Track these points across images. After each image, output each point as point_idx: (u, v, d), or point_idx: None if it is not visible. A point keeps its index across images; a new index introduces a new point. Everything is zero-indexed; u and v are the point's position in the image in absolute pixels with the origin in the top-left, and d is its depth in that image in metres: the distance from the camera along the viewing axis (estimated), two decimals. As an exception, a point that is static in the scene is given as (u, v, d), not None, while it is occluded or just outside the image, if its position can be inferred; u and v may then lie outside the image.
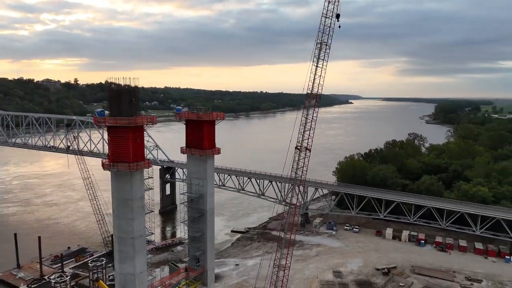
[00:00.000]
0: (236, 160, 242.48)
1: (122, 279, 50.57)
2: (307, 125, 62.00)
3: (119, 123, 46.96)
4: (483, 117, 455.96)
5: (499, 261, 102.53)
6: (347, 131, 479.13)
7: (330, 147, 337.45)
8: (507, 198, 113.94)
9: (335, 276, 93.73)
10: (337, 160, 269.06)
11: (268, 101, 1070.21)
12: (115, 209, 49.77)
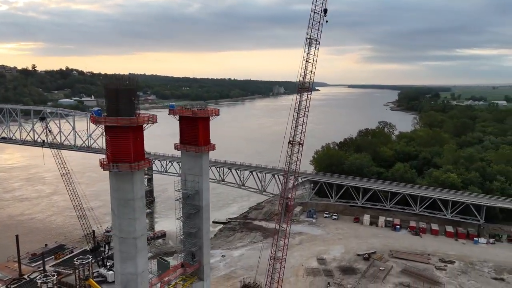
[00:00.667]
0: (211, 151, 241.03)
1: (124, 279, 50.32)
2: (299, 120, 63.03)
3: (120, 123, 46.09)
4: (443, 104, 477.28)
5: (468, 242, 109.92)
6: (317, 118, 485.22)
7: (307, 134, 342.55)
8: (474, 183, 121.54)
9: (319, 263, 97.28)
10: (310, 148, 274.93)
11: (237, 88, 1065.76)
12: (116, 210, 49.13)
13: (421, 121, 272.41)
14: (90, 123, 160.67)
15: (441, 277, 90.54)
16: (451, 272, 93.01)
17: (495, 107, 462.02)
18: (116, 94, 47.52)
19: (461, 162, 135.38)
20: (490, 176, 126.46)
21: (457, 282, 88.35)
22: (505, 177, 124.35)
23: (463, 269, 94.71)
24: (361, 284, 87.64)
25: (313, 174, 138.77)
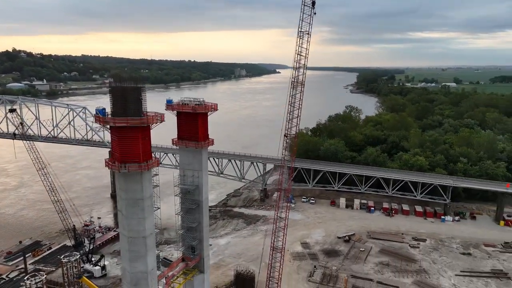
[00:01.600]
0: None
1: (134, 277, 50.42)
2: (294, 113, 64.64)
3: (130, 123, 45.38)
4: (400, 87, 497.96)
5: (436, 221, 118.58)
6: (282, 102, 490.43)
7: (270, 118, 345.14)
8: (440, 165, 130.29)
9: (303, 248, 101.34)
10: (279, 132, 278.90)
11: (198, 71, 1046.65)
12: (124, 210, 48.66)
13: (384, 104, 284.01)
14: (55, 111, 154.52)
15: (415, 255, 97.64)
16: (424, 250, 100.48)
17: (447, 89, 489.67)
18: (123, 93, 46.53)
19: (427, 145, 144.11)
20: (453, 158, 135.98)
21: (430, 259, 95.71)
22: (466, 158, 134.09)
23: (434, 246, 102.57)
24: (344, 265, 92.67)
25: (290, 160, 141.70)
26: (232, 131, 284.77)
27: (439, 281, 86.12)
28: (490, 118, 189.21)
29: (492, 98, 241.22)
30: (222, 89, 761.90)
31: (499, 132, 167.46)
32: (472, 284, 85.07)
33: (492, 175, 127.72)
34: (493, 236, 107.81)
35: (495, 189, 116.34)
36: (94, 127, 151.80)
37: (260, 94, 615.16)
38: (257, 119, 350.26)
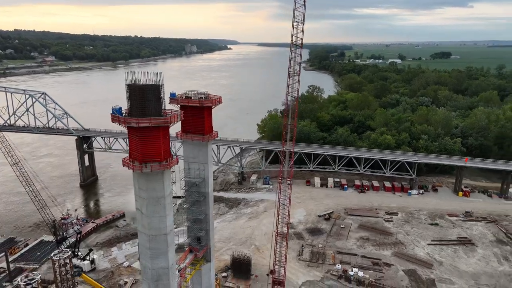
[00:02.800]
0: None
1: (155, 274, 50.90)
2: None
3: (154, 123, 44.77)
4: (353, 64, 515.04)
5: (403, 195, 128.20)
6: (240, 80, 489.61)
7: (231, 97, 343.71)
8: (405, 143, 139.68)
9: (288, 227, 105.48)
10: (243, 112, 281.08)
11: (146, 47, 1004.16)
12: (144, 209, 48.45)
13: (342, 83, 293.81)
14: (11, 97, 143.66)
15: (390, 228, 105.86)
16: (397, 223, 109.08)
17: (395, 66, 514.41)
18: (143, 92, 45.55)
19: (391, 124, 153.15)
20: (415, 135, 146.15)
21: (403, 231, 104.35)
22: (427, 135, 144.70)
23: (405, 218, 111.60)
24: (329, 242, 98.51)
25: (266, 143, 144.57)
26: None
27: (414, 251, 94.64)
28: (442, 96, 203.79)
29: (441, 76, 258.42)
30: (174, 66, 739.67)
31: (451, 109, 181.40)
32: (443, 251, 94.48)
33: (450, 150, 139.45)
34: (454, 206, 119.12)
35: (455, 163, 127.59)
36: (57, 114, 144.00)
37: (216, 71, 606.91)
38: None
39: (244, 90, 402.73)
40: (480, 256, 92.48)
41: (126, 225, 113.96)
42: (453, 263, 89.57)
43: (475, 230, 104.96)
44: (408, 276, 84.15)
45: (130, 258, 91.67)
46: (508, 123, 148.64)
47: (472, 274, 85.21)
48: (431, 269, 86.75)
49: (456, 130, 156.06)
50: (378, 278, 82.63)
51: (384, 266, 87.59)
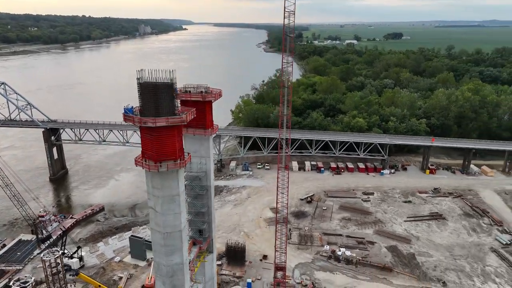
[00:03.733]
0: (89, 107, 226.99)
1: (170, 270, 51.29)
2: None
3: (171, 122, 44.45)
4: (313, 46, 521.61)
5: (376, 175, 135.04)
6: (201, 63, 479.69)
7: (197, 81, 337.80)
8: (376, 125, 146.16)
9: (273, 213, 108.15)
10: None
11: (97, 28, 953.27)
12: (159, 207, 48.30)
13: (307, 66, 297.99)
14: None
15: (369, 207, 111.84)
16: (374, 202, 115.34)
17: (353, 47, 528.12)
18: (156, 91, 44.87)
19: (362, 107, 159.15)
20: (384, 117, 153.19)
21: (381, 209, 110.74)
22: (395, 117, 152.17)
23: (381, 197, 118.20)
24: (314, 224, 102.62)
25: (244, 129, 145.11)
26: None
27: (393, 228, 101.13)
28: (404, 78, 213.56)
29: (400, 58, 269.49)
30: (129, 49, 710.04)
31: (413, 91, 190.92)
32: (418, 227, 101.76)
33: (416, 131, 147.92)
34: (423, 183, 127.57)
35: (424, 143, 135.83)
36: (20, 105, 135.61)
37: (174, 54, 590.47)
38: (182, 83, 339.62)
39: (207, 73, 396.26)
40: (452, 229, 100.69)
41: (108, 219, 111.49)
42: (428, 237, 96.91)
43: (444, 205, 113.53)
44: (390, 252, 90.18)
45: (120, 253, 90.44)
46: (466, 103, 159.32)
47: (446, 247, 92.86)
48: (410, 244, 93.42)
49: (419, 111, 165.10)
50: (364, 256, 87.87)
51: (368, 244, 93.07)
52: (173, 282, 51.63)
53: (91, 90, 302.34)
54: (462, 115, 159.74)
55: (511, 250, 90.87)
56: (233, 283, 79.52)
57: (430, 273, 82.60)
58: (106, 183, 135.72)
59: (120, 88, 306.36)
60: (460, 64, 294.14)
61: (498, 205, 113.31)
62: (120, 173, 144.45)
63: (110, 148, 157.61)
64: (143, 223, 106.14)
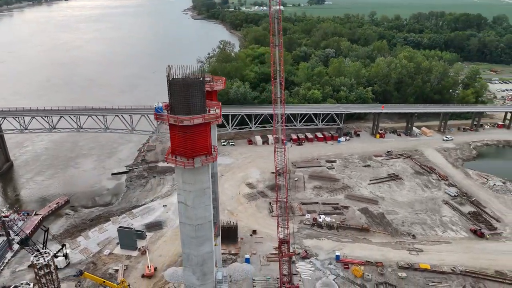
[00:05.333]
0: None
1: (200, 259, 52.84)
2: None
3: (207, 118, 44.83)
4: (245, 14, 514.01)
5: (334, 143, 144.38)
6: (129, 33, 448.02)
7: (130, 53, 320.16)
8: (329, 96, 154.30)
9: (250, 188, 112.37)
10: (148, 70, 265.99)
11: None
12: (191, 201, 48.90)
13: (247, 36, 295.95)
14: None
15: (335, 175, 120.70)
16: (338, 169, 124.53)
17: (282, 14, 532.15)
18: (187, 88, 44.55)
19: (313, 78, 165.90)
20: (335, 88, 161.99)
21: (346, 175, 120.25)
22: (345, 87, 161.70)
23: (343, 164, 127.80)
24: (290, 195, 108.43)
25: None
26: (98, 74, 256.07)
27: (360, 191, 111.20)
28: (344, 47, 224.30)
29: (336, 27, 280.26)
30: (39, 17, 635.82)
31: (354, 59, 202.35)
32: (381, 188, 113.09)
33: (364, 99, 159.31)
34: (376, 147, 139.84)
35: (375, 111, 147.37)
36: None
37: (95, 22, 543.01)
38: (117, 56, 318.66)
39: (139, 44, 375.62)
40: (408, 187, 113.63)
41: (78, 212, 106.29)
42: (391, 197, 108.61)
43: (397, 166, 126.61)
44: (363, 214, 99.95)
45: (106, 245, 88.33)
46: (403, 70, 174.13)
47: (407, 203, 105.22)
48: (378, 205, 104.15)
49: (363, 80, 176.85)
50: (342, 220, 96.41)
51: (342, 209, 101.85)
52: (204, 269, 53.58)
53: (11, 68, 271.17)
54: (401, 81, 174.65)
55: (459, 201, 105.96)
56: (230, 260, 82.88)
57: (400, 229, 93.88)
58: (64, 172, 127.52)
59: (44, 65, 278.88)
60: (386, 31, 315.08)
61: (441, 162, 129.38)
62: (77, 160, 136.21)
63: (56, 134, 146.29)
64: (119, 211, 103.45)
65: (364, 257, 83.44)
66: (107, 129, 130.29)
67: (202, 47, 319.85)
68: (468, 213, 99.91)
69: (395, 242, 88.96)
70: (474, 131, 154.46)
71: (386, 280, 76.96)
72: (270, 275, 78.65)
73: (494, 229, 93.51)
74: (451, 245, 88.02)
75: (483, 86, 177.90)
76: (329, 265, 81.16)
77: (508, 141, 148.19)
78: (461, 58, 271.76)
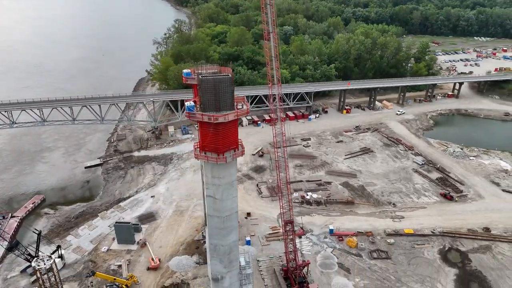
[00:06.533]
0: None
1: (227, 248, 54.70)
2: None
3: (240, 114, 45.78)
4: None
5: (305, 121, 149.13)
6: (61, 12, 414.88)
7: (77, 35, 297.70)
8: (297, 75, 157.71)
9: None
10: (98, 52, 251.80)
11: None
12: (220, 195, 50.17)
13: (200, 14, 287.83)
14: None
15: (312, 152, 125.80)
16: (314, 146, 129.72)
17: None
18: (218, 86, 44.99)
19: (279, 57, 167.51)
20: (301, 66, 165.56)
21: (322, 152, 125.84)
22: (310, 65, 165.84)
23: (318, 141, 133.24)
24: (274, 176, 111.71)
25: (178, 92, 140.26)
26: (42, 59, 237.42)
27: (338, 166, 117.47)
28: (301, 24, 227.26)
29: (291, 3, 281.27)
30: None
31: (313, 36, 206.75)
32: (356, 162, 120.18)
33: (328, 76, 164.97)
34: (345, 123, 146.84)
35: (342, 87, 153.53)
36: None
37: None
38: (58, 37, 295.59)
39: (78, 23, 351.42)
40: (381, 159, 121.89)
41: (58, 210, 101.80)
42: (367, 169, 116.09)
43: (367, 139, 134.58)
44: (345, 187, 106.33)
45: (101, 242, 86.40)
46: (361, 46, 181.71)
47: (383, 174, 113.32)
48: (357, 178, 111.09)
49: (325, 57, 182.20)
50: (328, 196, 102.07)
51: (326, 184, 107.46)
52: (230, 258, 55.79)
53: None
54: (359, 57, 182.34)
55: (426, 168, 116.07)
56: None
57: (381, 199, 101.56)
58: (33, 168, 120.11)
59: None
60: (335, 5, 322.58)
61: (405, 133, 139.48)
62: (43, 154, 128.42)
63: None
64: (104, 206, 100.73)
65: (354, 228, 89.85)
66: (75, 121, 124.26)
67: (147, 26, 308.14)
68: (436, 179, 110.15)
69: (379, 212, 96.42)
70: (429, 102, 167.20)
71: (378, 248, 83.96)
72: (272, 254, 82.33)
73: (460, 192, 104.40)
74: (426, 210, 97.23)
75: (433, 59, 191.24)
76: (324, 239, 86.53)
77: (458, 109, 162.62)
78: (406, 31, 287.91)
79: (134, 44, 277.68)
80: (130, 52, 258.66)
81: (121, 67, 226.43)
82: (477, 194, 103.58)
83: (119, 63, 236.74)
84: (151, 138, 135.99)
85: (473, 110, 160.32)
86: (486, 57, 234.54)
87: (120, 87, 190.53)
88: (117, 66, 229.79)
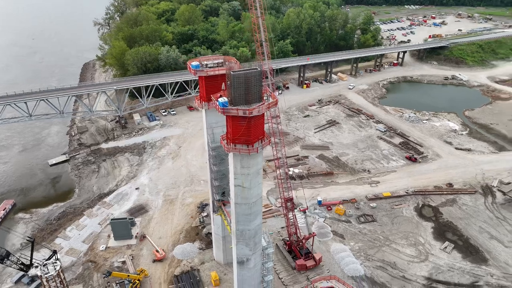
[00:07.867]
0: None
1: (253, 232, 57.20)
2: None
3: (272, 106, 47.53)
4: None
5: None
6: None
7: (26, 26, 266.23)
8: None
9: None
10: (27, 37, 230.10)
11: None
12: (249, 183, 51.98)
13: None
14: None
15: (284, 129, 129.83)
16: (283, 122, 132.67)
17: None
18: (248, 80, 46.09)
19: (236, 35, 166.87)
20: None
21: (293, 128, 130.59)
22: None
23: (286, 117, 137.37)
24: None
25: (139, 78, 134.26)
26: None
27: (311, 140, 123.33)
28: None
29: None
30: None
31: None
32: (326, 134, 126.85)
33: (286, 52, 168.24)
34: (308, 98, 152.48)
35: (302, 63, 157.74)
36: None
37: None
38: None
39: None
40: (347, 130, 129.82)
41: (34, 213, 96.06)
42: (337, 140, 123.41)
43: (331, 112, 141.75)
44: (322, 160, 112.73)
45: (96, 240, 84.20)
46: (312, 20, 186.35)
47: (352, 144, 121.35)
48: (330, 150, 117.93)
49: (278, 32, 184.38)
50: (308, 169, 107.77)
51: (304, 159, 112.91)
52: (255, 240, 58.82)
53: None
54: (310, 31, 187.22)
55: (389, 135, 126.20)
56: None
57: (356, 167, 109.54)
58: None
59: None
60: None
61: (363, 103, 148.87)
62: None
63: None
64: (85, 203, 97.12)
65: (339, 197, 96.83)
66: (32, 117, 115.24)
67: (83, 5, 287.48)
68: (399, 143, 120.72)
69: (357, 179, 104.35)
70: (378, 71, 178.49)
71: (363, 213, 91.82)
72: (270, 230, 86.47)
73: (421, 154, 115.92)
74: (397, 173, 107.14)
75: (377, 30, 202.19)
76: (315, 211, 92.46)
77: (404, 76, 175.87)
78: (343, 2, 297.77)
79: (70, 26, 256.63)
80: (66, 35, 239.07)
81: (60, 53, 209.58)
82: (435, 154, 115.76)
83: (56, 48, 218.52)
84: (116, 128, 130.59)
85: (417, 77, 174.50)
86: (419, 25, 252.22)
87: (64, 75, 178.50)
88: (55, 51, 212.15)
